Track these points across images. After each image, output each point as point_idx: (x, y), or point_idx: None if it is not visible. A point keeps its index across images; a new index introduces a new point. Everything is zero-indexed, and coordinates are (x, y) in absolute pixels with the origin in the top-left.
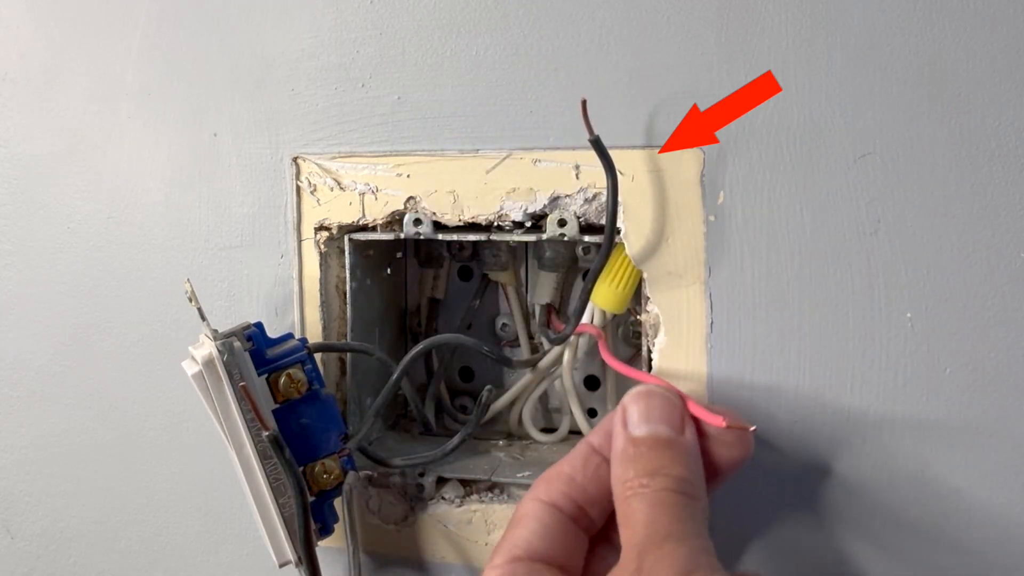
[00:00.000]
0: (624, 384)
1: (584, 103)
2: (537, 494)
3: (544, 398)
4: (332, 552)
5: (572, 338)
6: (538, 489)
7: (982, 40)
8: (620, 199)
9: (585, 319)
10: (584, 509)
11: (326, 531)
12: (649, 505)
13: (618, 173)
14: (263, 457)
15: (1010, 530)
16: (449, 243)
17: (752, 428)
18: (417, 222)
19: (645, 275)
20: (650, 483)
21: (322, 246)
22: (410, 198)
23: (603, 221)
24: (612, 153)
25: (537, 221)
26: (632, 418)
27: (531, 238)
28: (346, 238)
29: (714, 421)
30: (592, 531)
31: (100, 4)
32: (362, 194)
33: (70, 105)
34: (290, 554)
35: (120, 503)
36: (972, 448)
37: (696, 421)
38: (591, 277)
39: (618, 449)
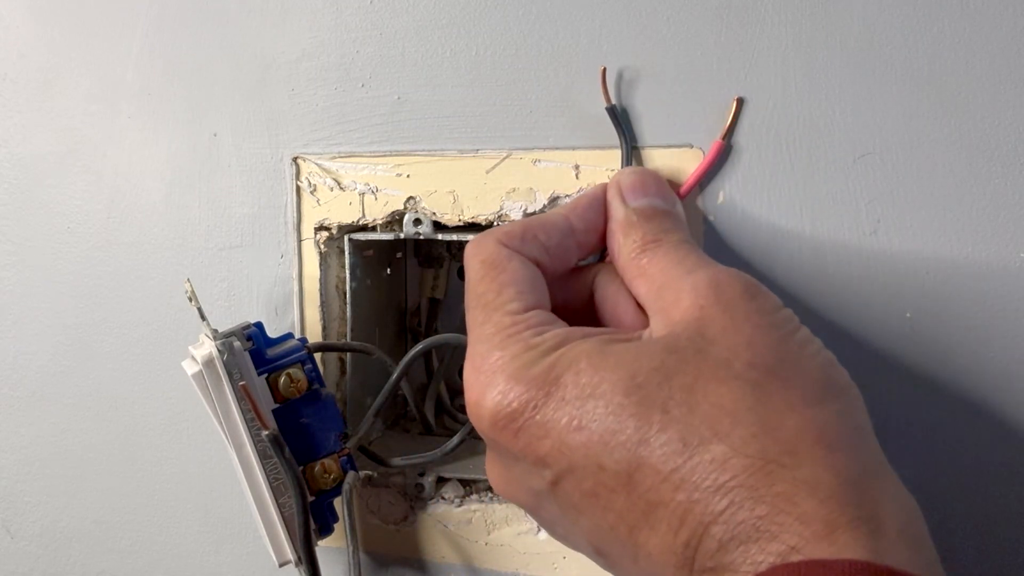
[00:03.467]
0: None
1: (604, 71)
2: (516, 246)
3: None
4: (332, 552)
5: None
6: (513, 241)
7: (982, 40)
8: None
9: None
10: (546, 270)
11: (326, 531)
12: (671, 250)
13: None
14: (263, 457)
15: None
16: (449, 243)
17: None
18: (417, 222)
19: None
20: (664, 238)
21: (322, 246)
22: (410, 198)
23: None
24: (611, 153)
25: None
26: (629, 192)
27: None
28: (346, 238)
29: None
30: None
31: (100, 4)
32: (362, 194)
33: (70, 105)
34: (290, 554)
35: (120, 503)
36: (973, 441)
37: None
38: None
39: (620, 218)
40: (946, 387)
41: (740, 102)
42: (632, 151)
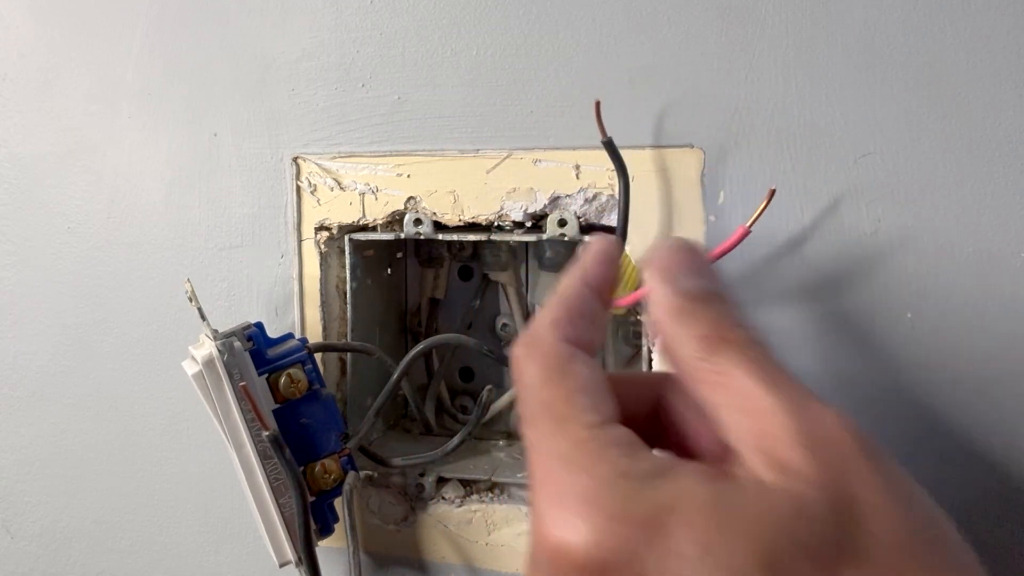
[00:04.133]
0: None
1: (598, 104)
2: (572, 337)
3: None
4: (332, 552)
5: None
6: (566, 329)
7: (982, 40)
8: None
9: None
10: (594, 347)
11: (326, 531)
12: (752, 361)
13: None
14: (263, 457)
15: None
16: (449, 243)
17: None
18: (417, 222)
19: (646, 274)
20: (732, 335)
21: (322, 246)
22: (410, 198)
23: (603, 221)
24: None
25: (537, 221)
26: (674, 272)
27: (531, 238)
28: (346, 238)
29: None
30: None
31: (100, 4)
32: (362, 194)
33: (70, 105)
34: (290, 554)
35: (120, 503)
36: (973, 441)
37: None
38: None
39: (669, 305)
40: (946, 387)
41: (772, 194)
42: (627, 188)
